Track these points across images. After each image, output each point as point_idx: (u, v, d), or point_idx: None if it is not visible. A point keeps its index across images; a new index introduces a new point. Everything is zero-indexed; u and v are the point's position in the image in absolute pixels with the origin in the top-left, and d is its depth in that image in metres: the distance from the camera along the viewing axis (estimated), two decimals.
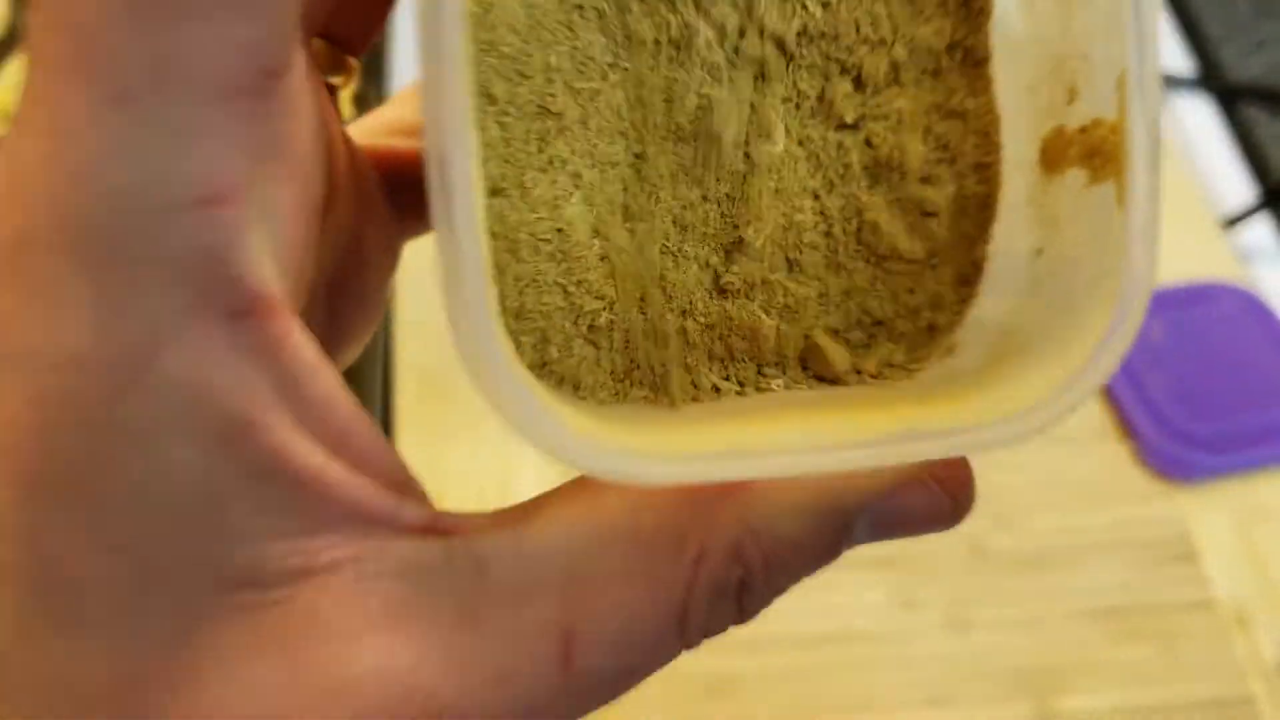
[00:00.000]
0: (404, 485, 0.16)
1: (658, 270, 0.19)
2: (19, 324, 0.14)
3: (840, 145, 0.20)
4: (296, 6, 0.15)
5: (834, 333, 0.20)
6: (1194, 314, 0.58)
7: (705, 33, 0.19)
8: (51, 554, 0.14)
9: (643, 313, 0.19)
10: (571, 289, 0.19)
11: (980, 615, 0.50)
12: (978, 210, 0.20)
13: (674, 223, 0.19)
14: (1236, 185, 0.67)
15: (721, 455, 0.16)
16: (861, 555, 0.49)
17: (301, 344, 0.15)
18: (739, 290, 0.20)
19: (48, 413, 0.14)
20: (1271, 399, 0.55)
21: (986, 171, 0.20)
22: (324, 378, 0.15)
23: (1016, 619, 0.50)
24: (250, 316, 0.15)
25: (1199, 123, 0.70)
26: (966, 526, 0.52)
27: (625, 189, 0.19)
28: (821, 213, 0.20)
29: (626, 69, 0.19)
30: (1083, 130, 0.18)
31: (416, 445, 0.52)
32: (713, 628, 0.18)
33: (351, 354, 0.21)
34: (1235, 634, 0.49)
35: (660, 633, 0.17)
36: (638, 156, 0.19)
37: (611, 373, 0.19)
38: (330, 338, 0.20)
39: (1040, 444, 0.54)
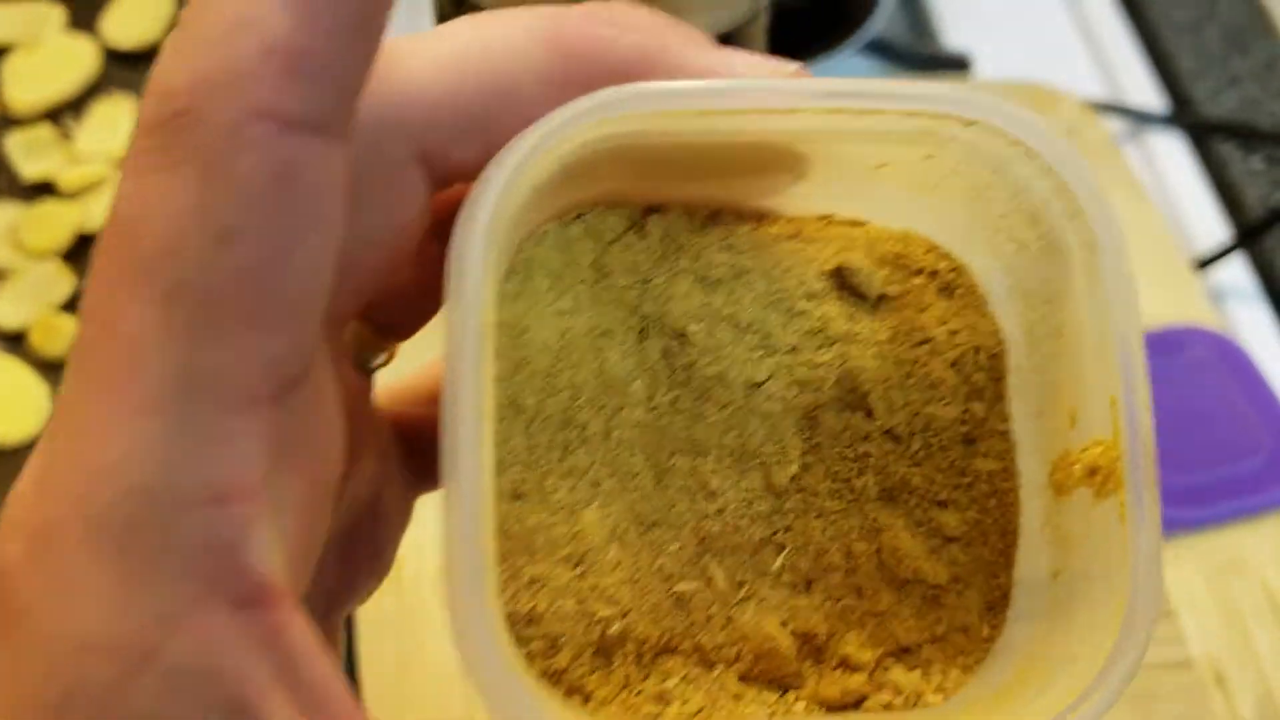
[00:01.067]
0: None
1: (674, 584, 0.20)
2: (43, 609, 0.15)
3: (860, 469, 0.21)
4: (316, 325, 0.16)
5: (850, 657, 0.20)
6: (1166, 361, 0.57)
7: (726, 374, 0.20)
8: None
9: (656, 624, 0.19)
10: (585, 596, 0.19)
11: None
12: (999, 536, 0.20)
13: (693, 533, 0.20)
14: (1209, 223, 0.67)
15: None
16: None
17: (301, 632, 0.16)
18: (759, 608, 0.20)
19: (65, 693, 0.15)
20: (1243, 450, 0.54)
21: (1006, 497, 0.20)
22: (319, 665, 0.16)
23: None
24: (254, 607, 0.16)
25: (1171, 160, 0.70)
26: None
27: (645, 498, 0.20)
28: (841, 534, 0.20)
29: (655, 393, 0.20)
30: (1084, 450, 0.19)
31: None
32: None
33: (360, 601, 0.22)
34: (1214, 693, 0.48)
35: None
36: (657, 469, 0.20)
37: (623, 686, 0.19)
38: (342, 587, 0.21)
39: None
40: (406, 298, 0.20)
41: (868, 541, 0.20)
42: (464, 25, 0.18)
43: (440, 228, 0.18)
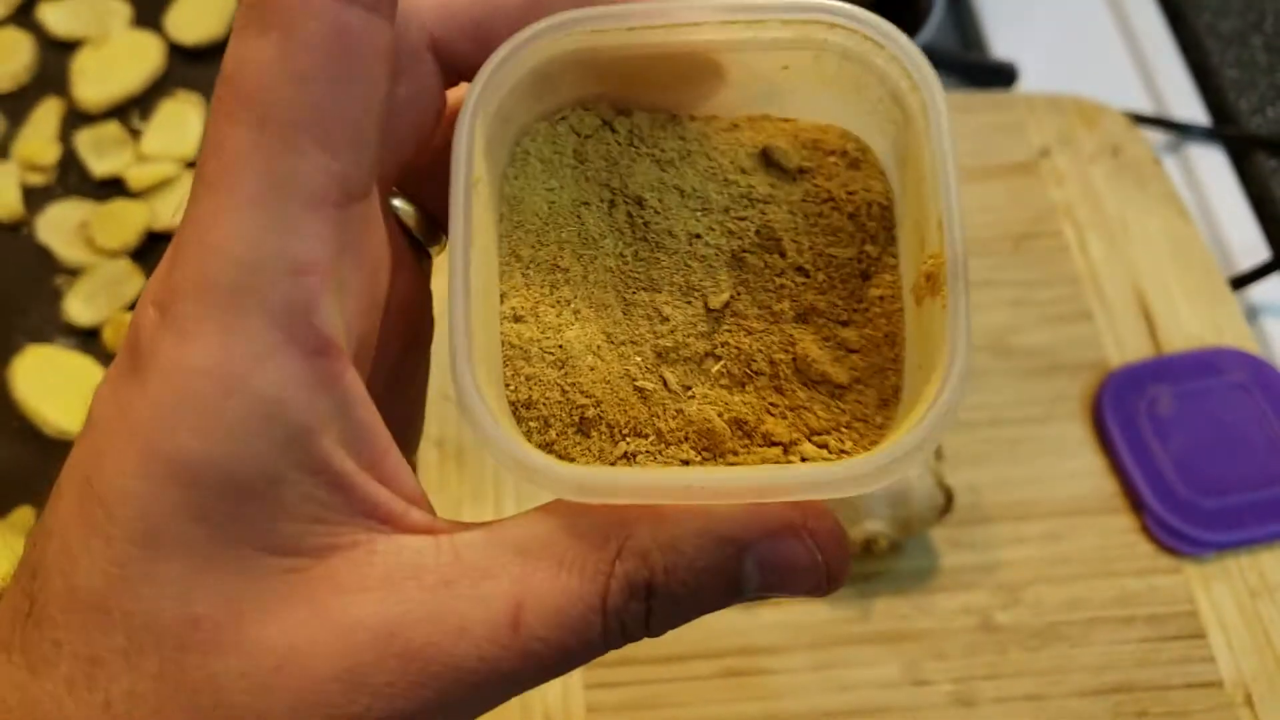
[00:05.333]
0: (415, 498, 0.23)
1: (636, 383, 0.25)
2: (167, 349, 0.20)
3: (778, 297, 0.26)
4: (369, 157, 0.21)
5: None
6: (1203, 384, 0.59)
7: (674, 229, 0.26)
8: (152, 517, 0.20)
9: (623, 412, 0.25)
10: (568, 389, 0.25)
11: (987, 691, 0.51)
12: (889, 346, 0.25)
13: (651, 349, 0.26)
14: (1248, 238, 0.68)
15: (639, 481, 0.23)
16: (875, 630, 0.50)
17: (353, 381, 0.21)
18: (701, 402, 0.25)
19: (178, 402, 0.20)
20: (1278, 475, 0.56)
21: (893, 316, 0.26)
22: (366, 409, 0.21)
23: (1023, 695, 0.51)
24: (320, 356, 0.21)
25: (1212, 174, 0.71)
26: (975, 600, 0.53)
27: (614, 322, 0.26)
28: (765, 346, 0.26)
29: (621, 247, 0.26)
30: (924, 264, 0.24)
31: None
32: (627, 624, 0.23)
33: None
34: (1243, 713, 0.50)
35: (586, 614, 0.22)
36: (624, 301, 0.26)
37: (598, 455, 0.25)
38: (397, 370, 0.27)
39: (1048, 515, 0.55)
40: (433, 176, 0.25)
41: (786, 352, 0.25)
42: None
43: (449, 123, 0.24)
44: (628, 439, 0.25)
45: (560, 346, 0.25)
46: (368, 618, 0.21)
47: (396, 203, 0.27)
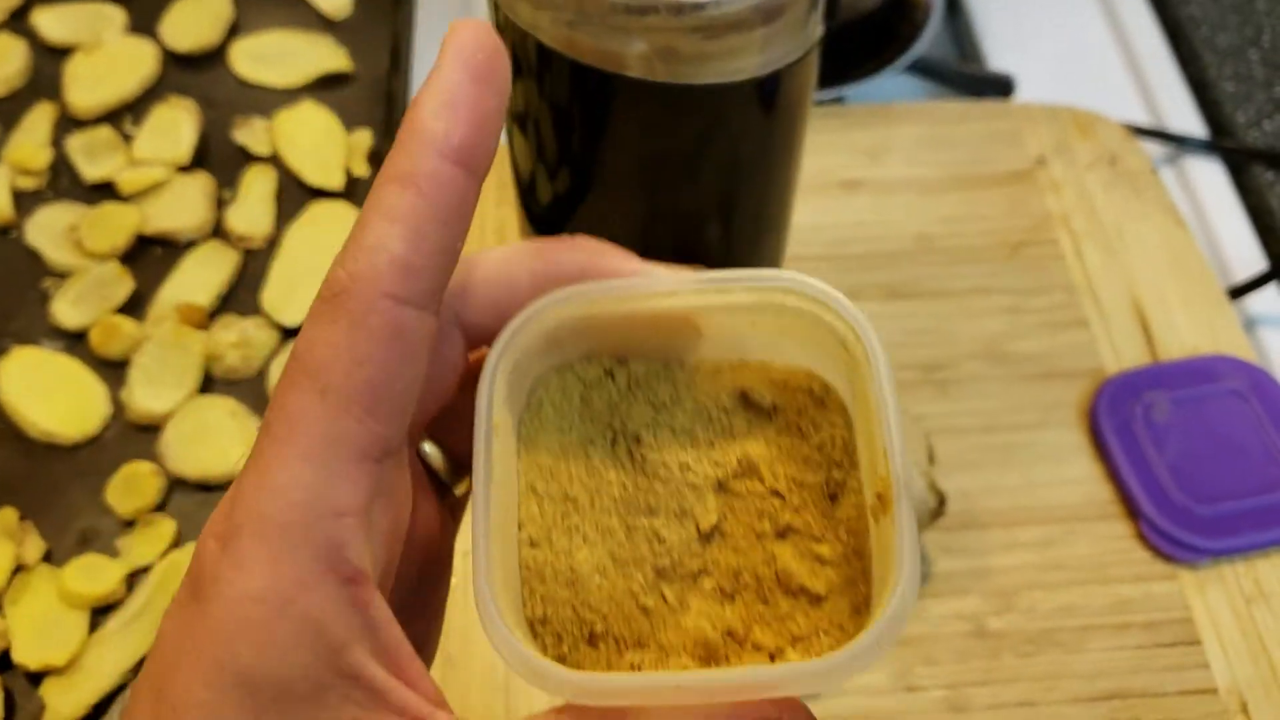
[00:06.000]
0: (437, 701, 0.25)
1: (639, 600, 0.28)
2: (226, 578, 0.24)
3: (759, 518, 0.29)
4: (407, 420, 0.26)
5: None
6: (1199, 391, 0.58)
7: (667, 462, 0.30)
8: (204, 702, 0.23)
9: (628, 626, 0.28)
10: (578, 606, 0.28)
11: (980, 697, 0.50)
12: (858, 559, 0.28)
13: (651, 568, 0.29)
14: (1245, 250, 0.67)
15: (636, 682, 0.25)
16: None
17: (380, 604, 0.25)
18: (697, 615, 0.28)
19: (236, 629, 0.23)
20: (1273, 482, 0.55)
21: (860, 533, 0.28)
22: (392, 627, 0.25)
23: (1016, 702, 0.50)
24: (353, 585, 0.24)
25: (1209, 186, 0.70)
26: (968, 606, 0.53)
27: (618, 545, 0.29)
28: (750, 563, 0.29)
29: (623, 478, 0.30)
30: (876, 487, 0.27)
31: None
32: None
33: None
34: None
35: None
36: (626, 526, 0.29)
37: (607, 665, 0.28)
38: (415, 607, 0.30)
39: (1043, 521, 0.55)
40: (455, 422, 0.30)
41: (768, 566, 0.28)
42: (493, 250, 0.29)
43: (472, 379, 0.29)
44: (632, 650, 0.28)
45: (571, 568, 0.28)
46: None
47: (426, 447, 0.31)
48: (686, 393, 0.31)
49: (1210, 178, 0.71)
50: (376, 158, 0.67)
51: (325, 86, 0.70)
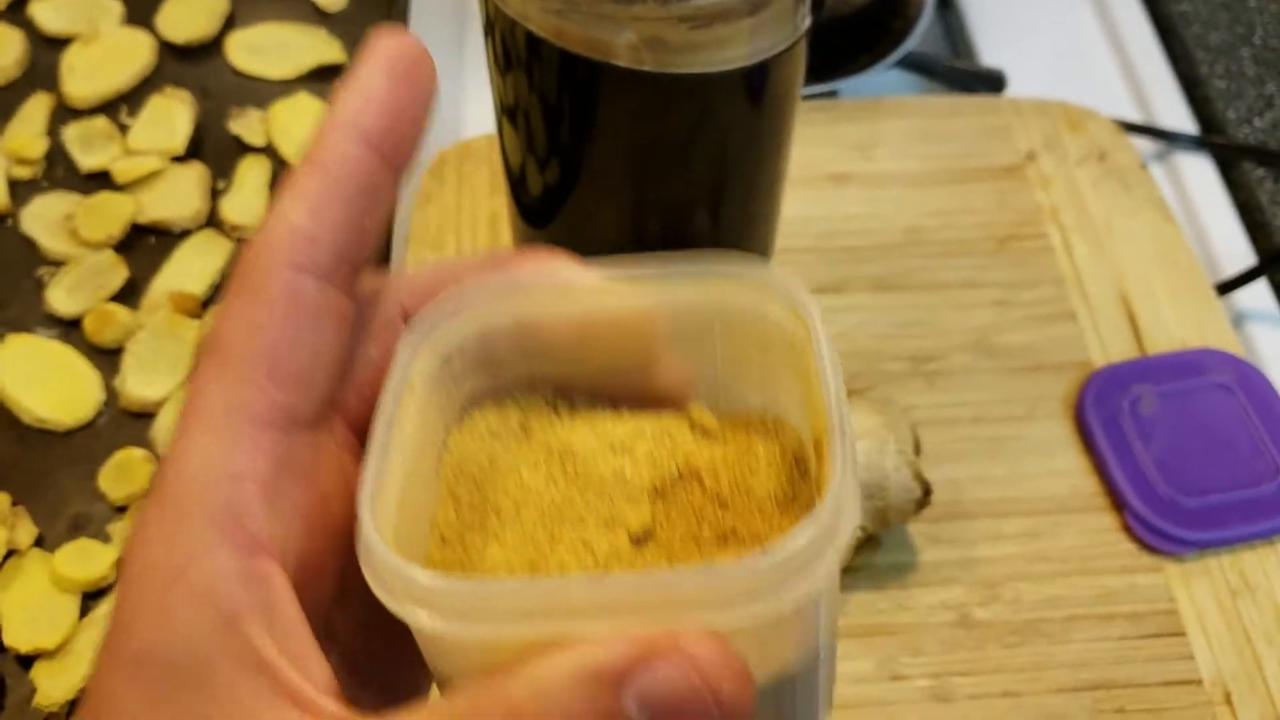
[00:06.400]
0: (332, 692, 0.24)
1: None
2: (131, 553, 0.24)
3: (699, 523, 0.27)
4: (318, 393, 0.26)
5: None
6: (1186, 384, 0.59)
7: (603, 473, 0.28)
8: (118, 708, 0.23)
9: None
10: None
11: (964, 687, 0.51)
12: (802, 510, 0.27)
13: (576, 574, 0.26)
14: (1234, 246, 0.68)
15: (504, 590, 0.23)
16: (851, 624, 0.50)
17: (280, 580, 0.24)
18: None
19: (135, 599, 0.23)
20: (1259, 475, 0.55)
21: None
22: (290, 607, 0.24)
23: (1000, 692, 0.50)
24: (250, 555, 0.23)
25: (1199, 182, 0.71)
26: (954, 596, 0.53)
27: (540, 555, 0.26)
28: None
29: (554, 491, 0.28)
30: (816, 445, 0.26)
31: None
32: None
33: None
34: (1221, 711, 0.50)
35: None
36: (550, 536, 0.27)
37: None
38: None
39: (1029, 513, 0.55)
40: None
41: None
42: (452, 257, 0.30)
43: None
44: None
45: (480, 565, 0.26)
46: None
47: None
48: (632, 419, 0.29)
49: (1200, 174, 0.71)
50: None
51: (320, 78, 0.71)
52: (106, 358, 0.59)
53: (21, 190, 0.65)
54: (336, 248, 0.26)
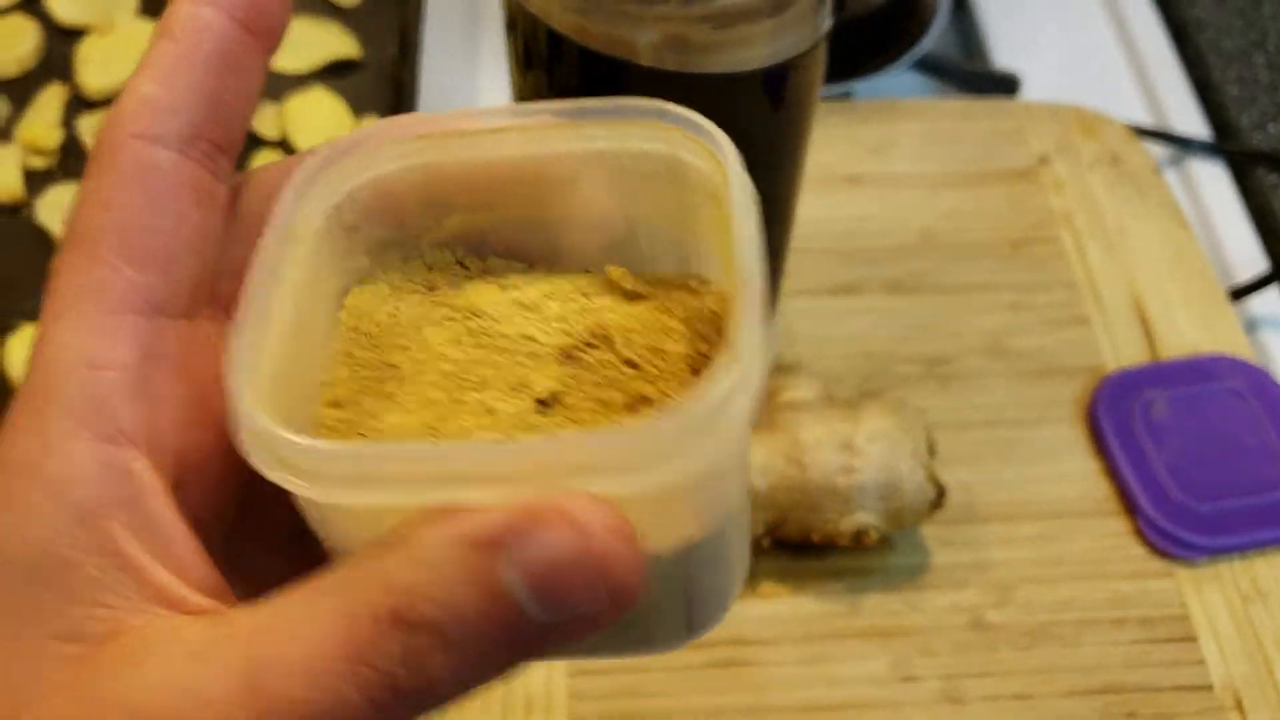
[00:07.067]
0: (208, 588, 0.22)
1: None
2: None
3: (608, 387, 0.25)
4: (182, 276, 0.24)
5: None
6: (1199, 389, 0.59)
7: (508, 334, 0.26)
8: None
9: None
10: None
11: (976, 689, 0.51)
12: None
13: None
14: (1247, 252, 0.68)
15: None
16: (864, 625, 0.50)
17: (146, 473, 0.22)
18: None
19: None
20: (1271, 481, 0.55)
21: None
22: (158, 500, 0.22)
23: (1012, 694, 0.50)
24: (111, 444, 0.22)
25: (1212, 187, 0.71)
26: (966, 599, 0.53)
27: (440, 417, 0.24)
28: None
29: (456, 353, 0.26)
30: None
31: None
32: (388, 670, 0.20)
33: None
34: (1232, 717, 0.50)
35: (332, 664, 0.20)
36: (452, 399, 0.25)
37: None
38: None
39: (1042, 516, 0.55)
40: None
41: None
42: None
43: None
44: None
45: (376, 430, 0.24)
46: (123, 698, 0.21)
47: None
48: (544, 277, 0.28)
49: (1213, 180, 0.71)
50: None
51: (335, 73, 0.71)
52: None
53: (37, 180, 0.65)
54: (191, 117, 0.24)
